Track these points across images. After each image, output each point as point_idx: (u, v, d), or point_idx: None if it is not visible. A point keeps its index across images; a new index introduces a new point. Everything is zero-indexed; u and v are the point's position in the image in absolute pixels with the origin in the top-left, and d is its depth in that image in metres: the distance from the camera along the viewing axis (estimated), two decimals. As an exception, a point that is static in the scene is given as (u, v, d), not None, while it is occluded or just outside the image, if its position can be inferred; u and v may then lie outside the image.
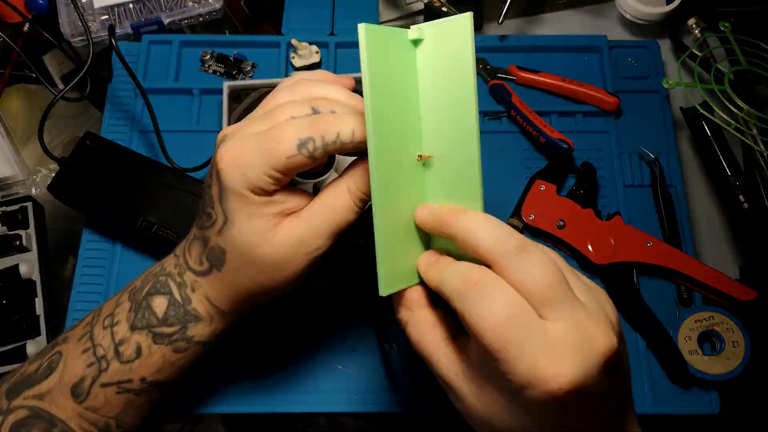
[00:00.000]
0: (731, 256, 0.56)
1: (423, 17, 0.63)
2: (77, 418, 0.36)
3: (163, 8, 0.60)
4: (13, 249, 0.50)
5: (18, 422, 0.35)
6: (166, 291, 0.36)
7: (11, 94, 0.60)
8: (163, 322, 0.36)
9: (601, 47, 0.59)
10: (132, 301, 0.37)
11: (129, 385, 0.36)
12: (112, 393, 0.36)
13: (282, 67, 0.58)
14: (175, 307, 0.36)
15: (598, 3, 0.66)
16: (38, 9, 0.60)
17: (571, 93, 0.57)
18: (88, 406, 0.36)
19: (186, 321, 0.36)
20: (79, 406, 0.36)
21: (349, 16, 0.60)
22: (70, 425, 0.36)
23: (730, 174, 0.53)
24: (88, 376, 0.36)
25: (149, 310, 0.36)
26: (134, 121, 0.56)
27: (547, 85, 0.57)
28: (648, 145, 0.55)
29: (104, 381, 0.36)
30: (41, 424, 0.36)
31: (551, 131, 0.52)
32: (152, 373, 0.37)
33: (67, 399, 0.36)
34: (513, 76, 0.58)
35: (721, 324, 0.47)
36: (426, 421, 0.49)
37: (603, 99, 0.55)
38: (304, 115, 0.32)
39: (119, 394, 0.36)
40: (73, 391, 0.36)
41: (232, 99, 0.51)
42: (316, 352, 0.48)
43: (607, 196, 0.53)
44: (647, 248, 0.49)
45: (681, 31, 0.62)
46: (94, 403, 0.36)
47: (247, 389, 0.47)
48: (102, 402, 0.36)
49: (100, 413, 0.36)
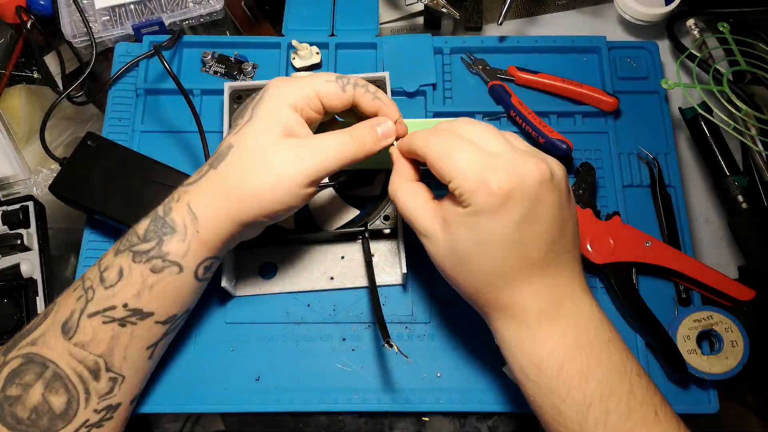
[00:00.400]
0: (730, 255, 0.56)
1: (423, 18, 0.63)
2: (67, 357, 0.37)
3: (164, 9, 0.60)
4: (15, 248, 0.50)
5: (12, 372, 0.37)
6: (151, 214, 0.40)
7: (13, 94, 0.60)
8: (143, 239, 0.38)
9: (600, 48, 0.59)
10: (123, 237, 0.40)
11: (113, 312, 0.38)
12: (98, 323, 0.38)
13: (283, 68, 0.58)
14: (155, 222, 0.39)
15: (597, 4, 0.66)
16: (40, 10, 0.60)
17: (570, 94, 0.57)
18: (77, 342, 0.37)
19: (162, 234, 0.38)
20: (69, 343, 0.37)
21: (350, 17, 0.61)
22: (61, 365, 0.37)
23: (728, 174, 0.54)
24: (77, 309, 0.38)
25: (133, 232, 0.39)
26: (135, 121, 0.56)
27: (547, 86, 0.57)
28: (647, 145, 0.55)
29: (90, 311, 0.38)
30: (34, 368, 0.37)
31: (550, 132, 0.52)
32: (133, 297, 0.38)
33: (58, 338, 0.37)
34: (512, 77, 0.58)
35: (719, 323, 0.48)
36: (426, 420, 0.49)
37: (602, 99, 0.56)
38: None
39: (105, 324, 0.38)
40: (63, 328, 0.37)
41: (234, 99, 0.51)
42: (316, 351, 0.48)
43: (606, 196, 0.54)
44: (646, 248, 0.49)
45: (680, 31, 0.62)
46: (82, 338, 0.37)
47: (248, 388, 0.47)
48: (90, 335, 0.37)
49: (88, 349, 0.37)
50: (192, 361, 0.48)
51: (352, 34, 0.60)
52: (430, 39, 0.59)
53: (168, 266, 0.38)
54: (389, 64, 0.58)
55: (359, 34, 0.60)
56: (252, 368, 0.48)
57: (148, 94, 0.57)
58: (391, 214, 0.48)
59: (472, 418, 0.49)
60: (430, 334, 0.49)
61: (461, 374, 0.48)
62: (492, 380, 0.47)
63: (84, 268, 0.51)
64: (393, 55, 0.58)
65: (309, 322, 0.49)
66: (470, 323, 0.49)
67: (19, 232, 0.50)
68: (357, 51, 0.60)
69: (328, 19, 0.61)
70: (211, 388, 0.47)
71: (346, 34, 0.60)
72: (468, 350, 0.48)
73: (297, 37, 0.58)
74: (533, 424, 0.43)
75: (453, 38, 0.60)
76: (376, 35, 0.60)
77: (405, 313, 0.50)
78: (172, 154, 0.55)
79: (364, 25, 0.60)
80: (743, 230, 0.53)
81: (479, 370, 0.48)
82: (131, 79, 0.58)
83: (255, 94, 0.42)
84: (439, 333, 0.49)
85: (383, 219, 0.48)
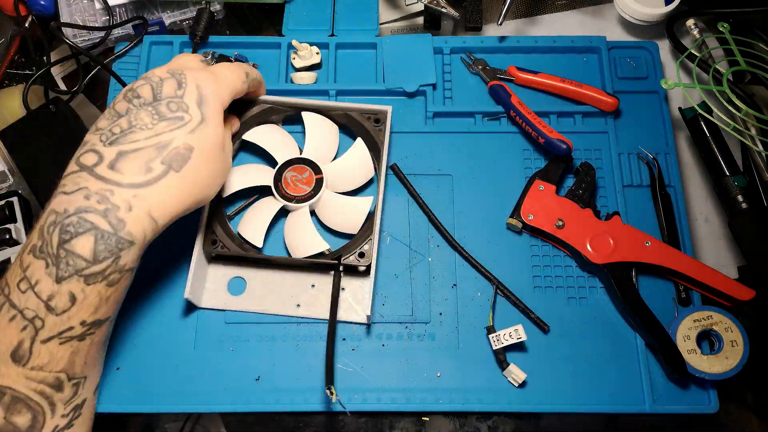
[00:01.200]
0: (730, 255, 0.56)
1: (423, 18, 0.63)
2: (24, 380, 0.36)
3: (164, 9, 0.60)
4: (4, 243, 0.51)
5: None
6: (86, 228, 0.35)
7: (12, 93, 0.60)
8: (94, 260, 0.35)
9: (600, 48, 0.59)
10: (43, 258, 0.35)
11: (71, 332, 0.36)
12: (55, 345, 0.36)
13: (283, 68, 0.58)
14: (105, 240, 0.35)
15: (597, 4, 0.66)
16: (41, 10, 0.60)
17: (570, 94, 0.57)
18: (33, 366, 0.36)
19: (119, 249, 0.36)
20: (24, 369, 0.36)
21: (350, 17, 0.61)
22: (18, 388, 0.36)
23: (728, 174, 0.54)
24: (26, 338, 0.36)
25: (72, 255, 0.35)
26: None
27: (546, 86, 0.57)
28: (647, 145, 0.55)
29: (44, 337, 0.36)
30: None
31: (550, 132, 0.52)
32: (91, 314, 0.37)
33: (9, 366, 0.36)
34: (512, 77, 0.58)
35: (719, 323, 0.48)
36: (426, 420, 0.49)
37: (602, 99, 0.56)
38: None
39: (63, 344, 0.36)
40: (13, 357, 0.36)
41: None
42: (316, 351, 0.48)
43: (606, 196, 0.54)
44: (646, 248, 0.49)
45: (680, 32, 0.62)
46: (38, 362, 0.36)
47: (248, 389, 0.47)
48: (47, 358, 0.36)
49: (47, 369, 0.36)
50: (192, 361, 0.48)
51: (352, 34, 0.60)
52: (430, 39, 0.59)
53: (125, 275, 0.37)
54: (389, 64, 0.58)
55: (359, 34, 0.60)
56: (252, 368, 0.48)
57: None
58: (366, 252, 0.48)
59: (472, 418, 0.49)
60: (430, 334, 0.49)
61: (461, 374, 0.48)
62: (492, 380, 0.47)
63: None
64: (393, 55, 0.58)
65: (309, 322, 0.49)
66: (470, 323, 0.49)
67: (7, 227, 0.51)
68: (357, 51, 0.60)
69: (328, 19, 0.61)
70: (211, 388, 0.47)
71: (346, 34, 0.60)
72: (468, 350, 0.48)
73: (297, 37, 0.58)
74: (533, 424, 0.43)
75: (453, 38, 0.60)
76: (376, 35, 0.60)
77: (405, 313, 0.50)
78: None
79: (364, 25, 0.60)
80: (743, 230, 0.53)
81: (479, 370, 0.48)
82: (132, 79, 0.57)
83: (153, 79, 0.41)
84: (439, 333, 0.49)
85: (358, 255, 0.48)
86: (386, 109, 0.52)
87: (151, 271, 0.50)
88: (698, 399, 0.47)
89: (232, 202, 0.52)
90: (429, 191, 0.54)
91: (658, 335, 0.47)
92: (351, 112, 0.53)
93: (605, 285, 0.50)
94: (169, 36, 0.60)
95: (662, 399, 0.47)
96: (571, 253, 0.51)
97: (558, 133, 0.52)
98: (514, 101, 0.55)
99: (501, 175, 0.54)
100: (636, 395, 0.47)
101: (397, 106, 0.57)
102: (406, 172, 0.54)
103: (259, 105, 0.53)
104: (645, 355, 0.48)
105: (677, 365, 0.46)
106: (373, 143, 0.52)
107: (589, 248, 0.49)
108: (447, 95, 0.58)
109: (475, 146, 0.56)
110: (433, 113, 0.56)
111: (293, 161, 0.51)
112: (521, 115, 0.54)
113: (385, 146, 0.51)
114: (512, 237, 0.52)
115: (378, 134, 0.52)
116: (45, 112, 0.53)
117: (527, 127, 0.54)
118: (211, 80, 0.42)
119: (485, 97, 0.58)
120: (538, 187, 0.52)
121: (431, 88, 0.57)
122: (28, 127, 0.52)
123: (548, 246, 0.52)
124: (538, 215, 0.51)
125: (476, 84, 0.59)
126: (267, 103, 0.53)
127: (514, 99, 0.55)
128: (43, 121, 0.53)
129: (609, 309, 0.50)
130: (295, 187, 0.50)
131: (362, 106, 0.53)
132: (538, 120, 0.54)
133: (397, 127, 0.56)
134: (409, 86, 0.57)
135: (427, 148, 0.55)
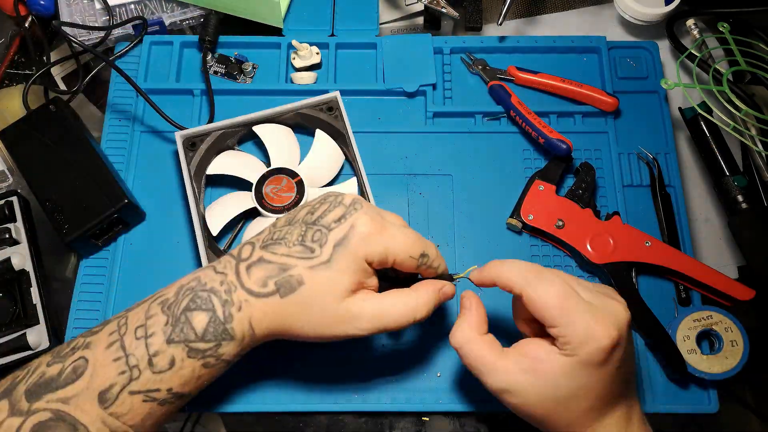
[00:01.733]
0: (730, 256, 0.56)
1: (423, 18, 0.63)
2: (99, 423, 0.36)
3: (164, 9, 0.60)
4: (4, 242, 0.51)
5: (40, 424, 0.35)
6: (208, 308, 0.38)
7: (12, 93, 0.60)
8: (201, 338, 0.37)
9: (599, 48, 0.59)
10: (167, 315, 0.38)
11: (156, 394, 0.37)
12: (138, 401, 0.37)
13: (283, 68, 0.58)
14: (215, 324, 0.37)
15: (597, 4, 0.66)
16: (41, 10, 0.60)
17: (570, 94, 0.57)
18: (113, 413, 0.36)
19: (222, 339, 0.38)
20: (104, 412, 0.36)
21: (350, 17, 0.61)
22: (91, 430, 0.36)
23: (728, 174, 0.54)
24: (119, 383, 0.37)
25: (188, 325, 0.37)
26: (135, 122, 0.56)
27: (546, 86, 0.57)
28: (647, 145, 0.55)
29: (134, 389, 0.37)
30: (63, 427, 0.36)
31: (550, 132, 0.52)
32: (179, 385, 0.38)
33: (93, 404, 0.36)
34: (512, 77, 0.58)
35: (719, 323, 0.48)
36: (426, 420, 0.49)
37: (602, 99, 0.56)
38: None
39: (145, 402, 0.37)
40: (100, 397, 0.36)
41: (187, 148, 0.52)
42: (316, 351, 0.48)
43: (605, 196, 0.54)
44: (646, 248, 0.49)
45: (680, 32, 0.62)
46: (119, 410, 0.37)
47: (248, 388, 0.47)
48: (127, 409, 0.37)
49: (122, 420, 0.37)
50: (192, 361, 0.48)
51: (352, 34, 0.60)
52: (430, 39, 0.59)
53: (221, 364, 0.39)
54: (389, 64, 0.58)
55: (359, 34, 0.60)
56: (252, 368, 0.48)
57: (149, 94, 0.57)
58: None
59: (472, 418, 0.49)
60: (430, 334, 0.49)
61: (461, 374, 0.48)
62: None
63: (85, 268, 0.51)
64: (393, 55, 0.58)
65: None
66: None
67: (7, 226, 0.51)
68: (357, 51, 0.60)
69: (328, 19, 0.61)
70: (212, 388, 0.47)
71: (346, 34, 0.60)
72: (468, 350, 0.48)
73: (297, 37, 0.58)
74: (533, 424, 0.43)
75: (453, 38, 0.60)
76: (376, 35, 0.60)
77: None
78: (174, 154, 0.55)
79: (364, 25, 0.60)
80: (743, 230, 0.53)
81: (479, 370, 0.48)
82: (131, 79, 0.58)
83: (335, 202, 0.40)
84: (439, 333, 0.49)
85: None
86: (334, 95, 0.53)
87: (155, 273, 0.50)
88: (698, 399, 0.47)
89: (222, 236, 0.52)
90: (429, 191, 0.54)
91: (658, 335, 0.47)
92: (302, 110, 0.53)
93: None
94: (169, 36, 0.60)
95: (662, 399, 0.47)
96: (571, 253, 0.51)
97: (558, 133, 0.52)
98: (514, 101, 0.55)
99: (501, 175, 0.54)
100: (636, 395, 0.47)
101: (397, 106, 0.57)
102: (407, 172, 0.54)
103: (211, 135, 0.52)
104: (645, 355, 0.48)
105: (677, 365, 0.46)
106: (335, 131, 0.53)
107: (589, 248, 0.49)
108: (447, 95, 0.58)
109: (475, 146, 0.56)
110: (433, 113, 0.56)
111: (266, 175, 0.51)
112: (521, 115, 0.54)
113: (348, 128, 0.52)
114: (512, 237, 0.52)
115: (335, 121, 0.53)
116: (45, 111, 0.53)
117: (527, 127, 0.54)
118: (372, 229, 0.38)
119: (485, 97, 0.58)
120: (538, 187, 0.52)
121: (431, 88, 0.57)
122: (28, 127, 0.53)
123: (548, 246, 0.52)
124: (538, 215, 0.51)
125: (476, 84, 0.59)
126: (218, 130, 0.53)
127: (514, 99, 0.55)
128: (43, 120, 0.53)
129: (609, 309, 0.50)
130: (280, 198, 0.50)
131: (310, 101, 0.53)
132: (538, 120, 0.54)
133: (397, 127, 0.56)
134: (409, 86, 0.57)
135: (427, 148, 0.55)
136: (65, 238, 0.48)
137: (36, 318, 0.49)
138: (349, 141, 0.52)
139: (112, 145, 0.56)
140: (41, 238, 0.53)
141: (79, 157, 0.51)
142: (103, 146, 0.55)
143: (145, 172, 0.55)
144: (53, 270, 0.54)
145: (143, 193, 0.54)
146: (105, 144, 0.55)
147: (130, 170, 0.55)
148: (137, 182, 0.54)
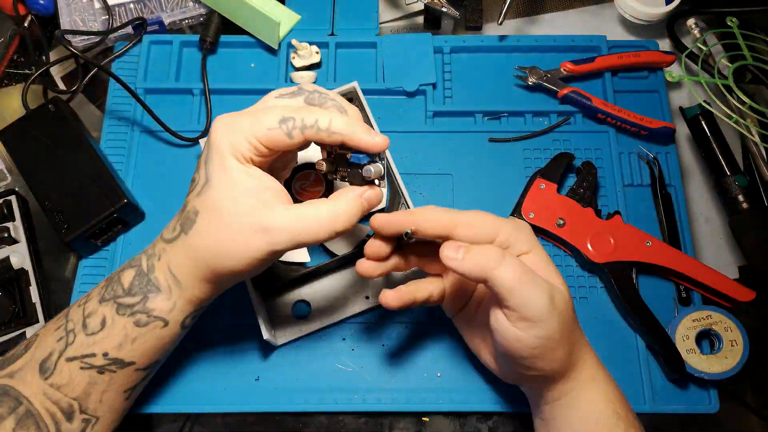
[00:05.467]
0: (730, 255, 0.56)
1: (423, 17, 0.63)
2: (41, 396, 0.37)
3: (163, 8, 0.60)
4: (3, 241, 0.51)
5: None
6: (135, 264, 0.39)
7: (11, 93, 0.60)
8: (128, 292, 0.38)
9: (600, 47, 0.59)
10: (107, 280, 0.39)
11: (92, 359, 0.37)
12: (76, 368, 0.37)
13: (282, 67, 0.58)
14: (140, 277, 0.38)
15: (598, 3, 0.66)
16: (40, 10, 0.60)
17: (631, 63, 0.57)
18: (53, 383, 0.37)
19: (147, 291, 0.38)
20: (45, 383, 0.37)
21: (350, 17, 0.61)
22: (35, 403, 0.36)
23: (729, 173, 0.54)
24: (56, 350, 0.37)
25: (118, 282, 0.38)
26: (134, 122, 0.56)
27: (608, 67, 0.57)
28: (647, 145, 0.55)
29: (69, 355, 0.37)
30: (8, 402, 0.36)
31: (650, 122, 0.53)
32: (114, 348, 0.38)
33: (35, 375, 0.37)
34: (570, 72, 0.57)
35: (719, 323, 0.48)
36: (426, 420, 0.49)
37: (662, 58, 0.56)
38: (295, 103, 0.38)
39: (83, 369, 0.37)
40: (41, 367, 0.37)
41: None
42: (316, 351, 0.48)
43: (606, 195, 0.54)
44: (646, 248, 0.49)
45: (680, 31, 0.62)
46: (58, 380, 0.37)
47: (248, 389, 0.47)
48: (66, 378, 0.37)
49: (63, 391, 0.37)
50: (192, 361, 0.48)
51: (352, 33, 0.60)
52: (430, 38, 0.59)
53: (153, 321, 0.38)
54: (389, 64, 0.58)
55: (359, 34, 0.60)
56: (252, 368, 0.48)
57: (148, 93, 0.57)
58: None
59: (472, 418, 0.49)
60: (430, 334, 0.49)
61: (461, 374, 0.48)
62: (492, 380, 0.47)
63: (84, 268, 0.51)
64: (393, 54, 0.58)
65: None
66: (470, 323, 0.49)
67: (6, 225, 0.51)
68: (357, 50, 0.60)
69: (328, 18, 0.60)
70: (211, 388, 0.47)
71: (346, 33, 0.60)
72: (468, 350, 0.48)
73: (297, 37, 0.58)
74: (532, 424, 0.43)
75: (453, 38, 0.60)
76: (376, 35, 0.60)
77: (405, 313, 0.49)
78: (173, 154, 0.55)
79: (364, 24, 0.60)
80: (743, 230, 0.53)
81: (479, 370, 0.48)
82: (131, 79, 0.58)
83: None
84: (439, 333, 0.49)
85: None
86: (353, 86, 0.52)
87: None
88: (698, 399, 0.47)
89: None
90: (429, 191, 0.54)
91: (657, 335, 0.47)
92: None
93: (605, 284, 0.50)
94: (168, 35, 0.60)
95: (662, 399, 0.47)
96: (572, 252, 0.51)
97: (659, 121, 0.53)
98: (597, 103, 0.55)
99: (501, 174, 0.54)
100: (636, 395, 0.47)
101: (397, 105, 0.57)
102: (407, 172, 0.54)
103: None
104: (645, 355, 0.48)
105: (677, 365, 0.46)
106: None
107: (589, 247, 0.49)
108: (447, 95, 0.57)
109: (475, 146, 0.55)
110: (433, 113, 0.56)
111: (293, 173, 0.51)
112: (612, 115, 0.54)
113: (371, 118, 0.51)
114: (512, 237, 0.52)
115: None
116: (44, 111, 0.53)
117: (623, 125, 0.54)
118: (223, 130, 0.35)
119: (485, 97, 0.58)
120: (539, 185, 0.52)
121: (431, 87, 0.57)
122: (27, 127, 0.53)
123: (549, 245, 0.52)
124: (539, 214, 0.51)
125: (476, 83, 0.58)
126: None
127: (596, 101, 0.55)
128: (43, 120, 0.53)
129: (609, 309, 0.50)
130: (311, 193, 0.50)
131: None
132: (632, 114, 0.54)
133: (397, 127, 0.56)
134: (409, 86, 0.57)
135: (427, 148, 0.55)
136: (64, 237, 0.48)
137: (35, 317, 0.49)
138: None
139: (112, 144, 0.55)
140: (41, 238, 0.53)
141: (79, 157, 0.51)
142: (102, 146, 0.55)
143: (144, 172, 0.55)
144: (53, 270, 0.54)
145: (142, 192, 0.54)
146: (104, 144, 0.55)
147: (130, 170, 0.54)
148: (136, 182, 0.54)
